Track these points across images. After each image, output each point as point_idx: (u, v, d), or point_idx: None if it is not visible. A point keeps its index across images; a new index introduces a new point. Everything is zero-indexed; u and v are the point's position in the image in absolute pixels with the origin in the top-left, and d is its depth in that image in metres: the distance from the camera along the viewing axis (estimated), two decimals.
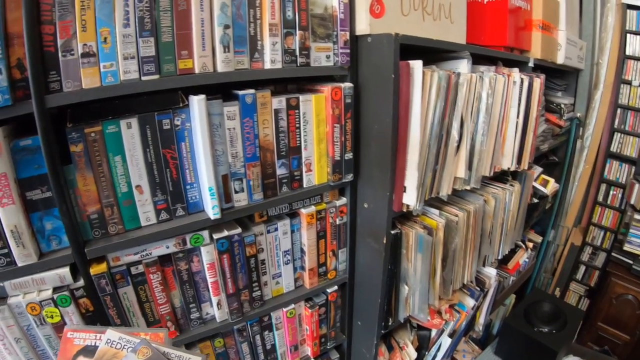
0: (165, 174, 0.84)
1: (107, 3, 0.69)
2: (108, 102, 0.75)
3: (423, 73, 0.92)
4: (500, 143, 1.30)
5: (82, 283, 0.81)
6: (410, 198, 1.02)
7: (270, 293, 1.11)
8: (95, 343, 0.62)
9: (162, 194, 0.85)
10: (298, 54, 0.91)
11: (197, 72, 0.80)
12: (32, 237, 0.75)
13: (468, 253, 1.34)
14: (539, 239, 2.26)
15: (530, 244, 2.11)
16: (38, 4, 0.65)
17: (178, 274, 0.93)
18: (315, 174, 1.04)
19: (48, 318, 0.79)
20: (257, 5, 0.84)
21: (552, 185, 1.93)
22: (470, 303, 1.50)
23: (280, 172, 0.98)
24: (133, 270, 0.86)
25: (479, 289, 1.55)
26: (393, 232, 1.09)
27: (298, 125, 0.97)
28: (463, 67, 1.13)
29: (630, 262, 2.14)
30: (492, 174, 1.31)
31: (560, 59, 1.74)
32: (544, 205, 1.98)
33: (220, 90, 0.87)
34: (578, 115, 2.15)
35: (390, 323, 1.23)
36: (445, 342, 1.46)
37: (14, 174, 0.71)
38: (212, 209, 0.87)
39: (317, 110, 0.98)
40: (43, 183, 0.74)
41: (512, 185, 1.48)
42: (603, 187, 2.33)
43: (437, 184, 1.09)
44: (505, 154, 1.34)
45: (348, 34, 0.97)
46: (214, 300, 0.99)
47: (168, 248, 0.88)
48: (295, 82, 1.08)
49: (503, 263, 1.89)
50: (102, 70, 0.72)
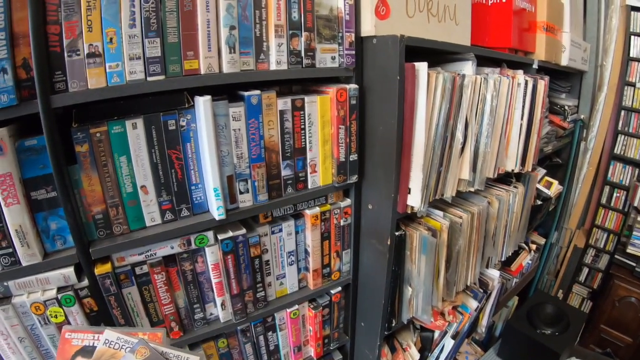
0: (171, 175, 0.84)
1: (113, 3, 0.69)
2: (113, 102, 0.75)
3: (428, 75, 0.92)
4: (505, 145, 1.29)
5: (86, 283, 0.81)
6: (415, 200, 1.01)
7: (274, 294, 1.11)
8: (94, 343, 0.62)
9: (167, 195, 0.85)
10: (303, 55, 0.91)
11: (202, 72, 0.80)
12: (36, 236, 0.75)
13: (471, 255, 1.34)
14: (542, 241, 2.25)
15: (534, 246, 2.11)
16: (44, 4, 0.65)
17: (182, 275, 0.93)
18: (320, 175, 1.04)
19: (52, 318, 0.79)
20: (262, 7, 0.84)
21: (555, 187, 1.92)
22: (473, 305, 1.49)
23: (285, 173, 0.98)
24: (137, 271, 0.86)
25: (482, 291, 1.54)
26: (397, 233, 1.08)
27: (303, 127, 0.97)
28: (468, 68, 1.13)
29: (634, 264, 2.13)
30: (496, 176, 1.30)
31: (565, 61, 1.73)
32: (548, 207, 1.97)
33: (226, 91, 0.87)
34: (582, 117, 2.15)
35: (394, 324, 1.23)
36: (448, 343, 1.46)
37: (19, 174, 0.71)
38: (217, 210, 0.87)
39: (322, 112, 0.98)
40: (48, 183, 0.74)
41: (515, 187, 1.47)
42: (606, 189, 2.32)
43: (441, 186, 1.08)
44: (509, 156, 1.34)
45: (353, 36, 0.96)
46: (218, 301, 0.99)
47: (173, 248, 0.88)
48: (301, 83, 1.08)
49: (506, 265, 1.88)
50: (107, 71, 0.72)
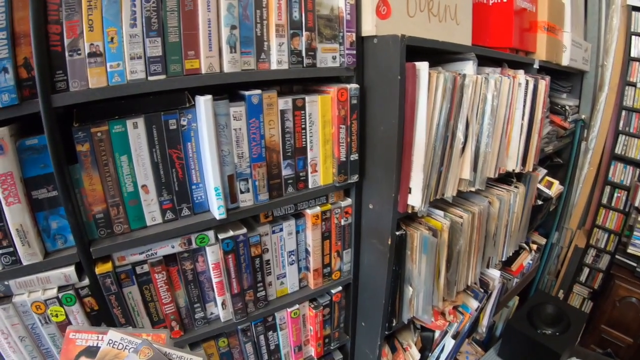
0: (171, 174, 0.84)
1: (114, 3, 0.69)
2: (114, 101, 0.75)
3: (429, 74, 0.92)
4: (505, 145, 1.29)
5: (87, 282, 0.81)
6: (416, 199, 1.01)
7: (275, 293, 1.11)
8: (98, 344, 0.62)
9: (167, 194, 0.85)
10: (304, 55, 0.91)
11: (203, 72, 0.80)
12: (37, 236, 0.75)
13: (472, 255, 1.34)
14: (543, 241, 2.25)
15: (534, 246, 2.11)
16: (45, 4, 0.65)
17: (183, 274, 0.93)
18: (321, 175, 1.04)
19: (53, 317, 0.79)
20: (263, 6, 0.84)
21: (556, 187, 1.92)
22: (474, 305, 1.49)
23: (286, 172, 0.98)
24: (138, 270, 0.86)
25: (483, 291, 1.54)
26: (398, 233, 1.08)
27: (304, 126, 0.97)
28: (469, 68, 1.13)
29: (634, 264, 2.13)
30: (496, 176, 1.30)
31: (565, 61, 1.73)
32: (548, 207, 1.97)
33: (227, 91, 0.87)
34: (583, 117, 2.15)
35: (394, 324, 1.23)
36: (449, 343, 1.46)
37: (20, 173, 0.71)
38: (217, 209, 0.87)
39: (323, 111, 0.98)
40: (49, 182, 0.74)
41: (516, 187, 1.47)
42: (607, 189, 2.31)
43: (442, 186, 1.08)
44: (510, 156, 1.34)
45: (354, 35, 0.96)
46: (219, 300, 0.99)
47: (173, 248, 0.88)
48: (301, 82, 1.08)
49: (507, 265, 1.88)
50: (108, 70, 0.72)
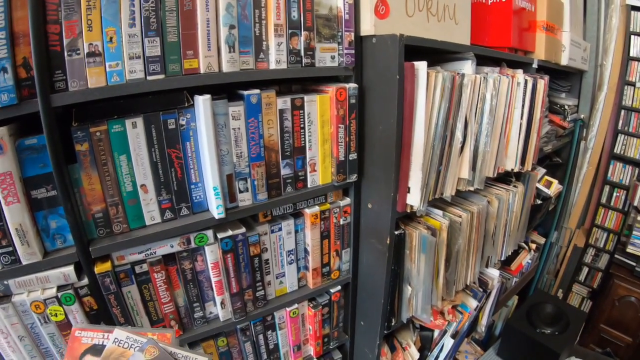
0: (170, 174, 0.84)
1: (112, 3, 0.69)
2: (113, 101, 0.75)
3: (427, 74, 0.92)
4: (504, 144, 1.30)
5: (86, 282, 0.81)
6: (414, 199, 1.02)
7: (274, 293, 1.11)
8: (103, 342, 0.62)
9: (166, 194, 0.85)
10: (303, 55, 0.91)
11: (202, 72, 0.80)
12: (36, 235, 0.75)
13: (471, 254, 1.34)
14: (542, 241, 2.25)
15: (533, 245, 2.11)
16: (44, 4, 0.65)
17: (182, 273, 0.93)
18: (320, 174, 1.04)
19: (52, 316, 0.79)
20: (262, 6, 0.84)
21: (555, 187, 1.92)
22: (473, 304, 1.49)
23: (285, 172, 0.98)
24: (137, 269, 0.86)
25: (482, 290, 1.54)
26: (397, 232, 1.09)
27: (303, 126, 0.97)
28: (467, 68, 1.13)
29: (633, 264, 2.13)
30: (495, 175, 1.31)
31: (564, 60, 1.73)
32: (547, 207, 1.97)
33: (226, 90, 0.87)
34: (582, 117, 2.15)
35: (393, 323, 1.23)
36: (448, 343, 1.46)
37: (19, 173, 0.71)
38: (216, 209, 0.87)
39: (321, 111, 0.98)
40: (48, 182, 0.74)
41: (515, 187, 1.48)
42: (606, 188, 2.31)
43: (440, 185, 1.08)
44: (509, 155, 1.34)
45: (353, 35, 0.97)
46: (218, 300, 0.99)
47: (172, 247, 0.89)
48: (300, 82, 1.08)
49: (506, 264, 1.88)
50: (107, 70, 0.72)
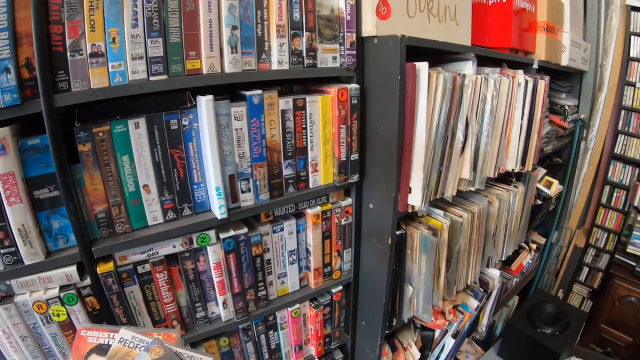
0: (173, 174, 0.84)
1: (115, 3, 0.69)
2: (116, 101, 0.75)
3: (429, 75, 0.92)
4: (505, 144, 1.30)
5: (88, 282, 0.81)
6: (416, 199, 1.02)
7: (276, 293, 1.11)
8: (109, 342, 0.62)
9: (169, 194, 0.85)
10: (305, 55, 0.92)
11: (204, 72, 0.80)
12: (39, 235, 0.75)
13: (472, 254, 1.34)
14: (543, 241, 2.25)
15: (534, 246, 2.11)
16: (47, 4, 0.65)
17: (184, 273, 0.93)
18: (321, 175, 1.04)
19: (54, 316, 0.79)
20: (264, 7, 0.85)
21: (555, 187, 1.92)
22: (474, 304, 1.50)
23: (287, 172, 0.98)
24: (140, 270, 0.86)
25: (483, 290, 1.55)
26: (398, 232, 1.09)
27: (304, 126, 0.97)
28: (468, 68, 1.13)
29: (634, 264, 2.14)
30: (496, 176, 1.31)
31: (565, 61, 1.74)
32: (548, 207, 1.98)
33: (228, 91, 0.88)
34: (582, 117, 2.15)
35: (394, 323, 1.23)
36: (449, 342, 1.46)
37: (22, 173, 0.71)
38: (218, 209, 0.87)
39: (323, 111, 0.98)
40: (51, 182, 0.74)
41: (516, 187, 1.48)
42: (607, 188, 2.32)
43: (442, 185, 1.09)
44: (510, 156, 1.34)
45: (354, 36, 0.97)
46: (220, 300, 0.99)
47: (175, 247, 0.89)
48: (302, 83, 1.08)
49: (506, 264, 1.89)
50: (110, 70, 0.72)
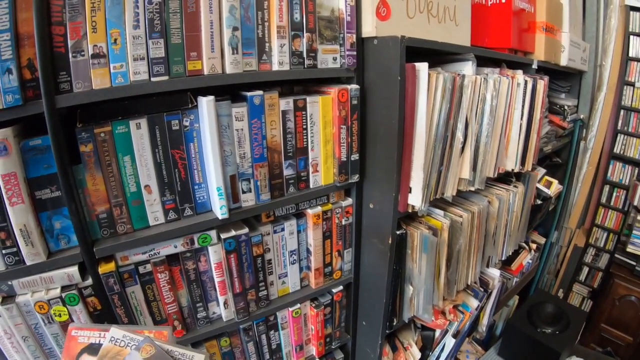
0: (174, 174, 0.85)
1: (117, 5, 0.70)
2: (118, 102, 0.76)
3: (428, 75, 0.93)
4: (504, 144, 1.30)
5: (90, 282, 0.81)
6: (416, 199, 1.02)
7: (277, 293, 1.11)
8: (100, 341, 0.62)
9: (170, 194, 0.86)
10: (305, 56, 0.92)
11: (205, 73, 0.81)
12: (40, 236, 0.76)
13: (472, 254, 1.34)
14: (543, 241, 2.26)
15: (534, 245, 2.11)
16: (49, 5, 0.66)
17: (185, 274, 0.93)
18: (322, 175, 1.04)
19: (56, 317, 0.79)
20: (265, 8, 0.85)
21: (555, 187, 1.93)
22: (474, 304, 1.50)
23: (288, 172, 0.98)
24: (141, 270, 0.86)
25: (483, 290, 1.55)
26: (398, 232, 1.09)
27: (305, 127, 0.97)
28: (468, 69, 1.13)
29: (634, 263, 2.14)
30: (496, 175, 1.31)
31: (564, 61, 1.74)
32: (548, 207, 1.98)
33: (229, 92, 0.88)
34: (581, 117, 2.16)
35: (395, 323, 1.24)
36: (449, 342, 1.46)
37: (24, 174, 0.71)
38: (220, 209, 0.87)
39: (323, 112, 0.98)
40: (52, 182, 0.74)
41: (515, 187, 1.48)
42: (606, 188, 2.32)
43: (442, 185, 1.09)
44: (509, 156, 1.35)
45: (354, 37, 0.97)
46: (221, 300, 0.99)
47: (176, 248, 0.89)
48: (302, 83, 1.08)
49: (507, 264, 1.89)
50: (112, 71, 0.72)
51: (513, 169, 1.38)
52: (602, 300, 2.27)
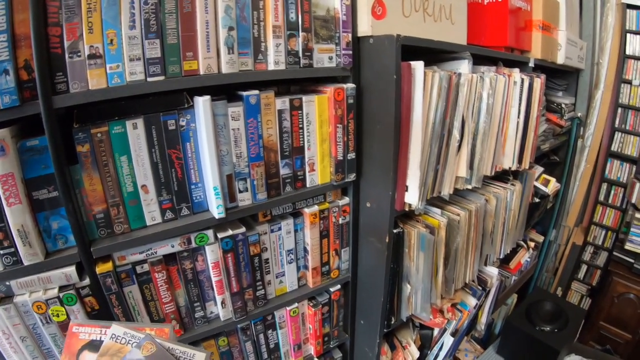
0: (171, 174, 0.85)
1: (113, 5, 0.70)
2: (114, 103, 0.76)
3: (424, 74, 0.93)
4: (501, 143, 1.30)
5: (87, 282, 0.81)
6: (413, 197, 1.02)
7: (274, 292, 1.12)
8: (101, 338, 0.62)
9: (167, 194, 0.86)
10: (301, 56, 0.92)
11: (201, 73, 0.81)
12: (38, 236, 0.76)
13: (470, 252, 1.35)
14: (541, 239, 2.26)
15: (532, 244, 2.12)
16: (45, 6, 0.66)
17: (183, 273, 0.93)
18: (319, 174, 1.04)
19: (54, 317, 0.79)
20: (260, 8, 0.85)
21: (553, 185, 1.93)
22: (472, 302, 1.50)
23: (284, 172, 0.99)
24: (138, 269, 0.87)
25: (481, 288, 1.55)
26: (395, 231, 1.09)
27: (301, 126, 0.98)
28: (464, 67, 1.14)
29: (632, 261, 2.14)
30: (493, 174, 1.31)
31: (561, 59, 1.74)
32: (546, 205, 1.98)
33: (225, 91, 0.88)
34: (579, 115, 2.16)
35: (393, 322, 1.24)
36: (448, 341, 1.47)
37: (21, 174, 0.71)
38: (216, 209, 0.87)
39: (320, 111, 0.99)
40: (50, 183, 0.74)
41: (513, 185, 1.48)
42: (604, 186, 2.33)
43: (438, 184, 1.09)
44: (506, 154, 1.35)
45: (350, 36, 0.97)
46: (218, 299, 0.99)
47: (173, 247, 0.89)
48: (298, 83, 1.09)
49: (505, 262, 1.89)
50: (108, 72, 0.73)
51: (510, 167, 1.38)
52: (600, 298, 2.27)
